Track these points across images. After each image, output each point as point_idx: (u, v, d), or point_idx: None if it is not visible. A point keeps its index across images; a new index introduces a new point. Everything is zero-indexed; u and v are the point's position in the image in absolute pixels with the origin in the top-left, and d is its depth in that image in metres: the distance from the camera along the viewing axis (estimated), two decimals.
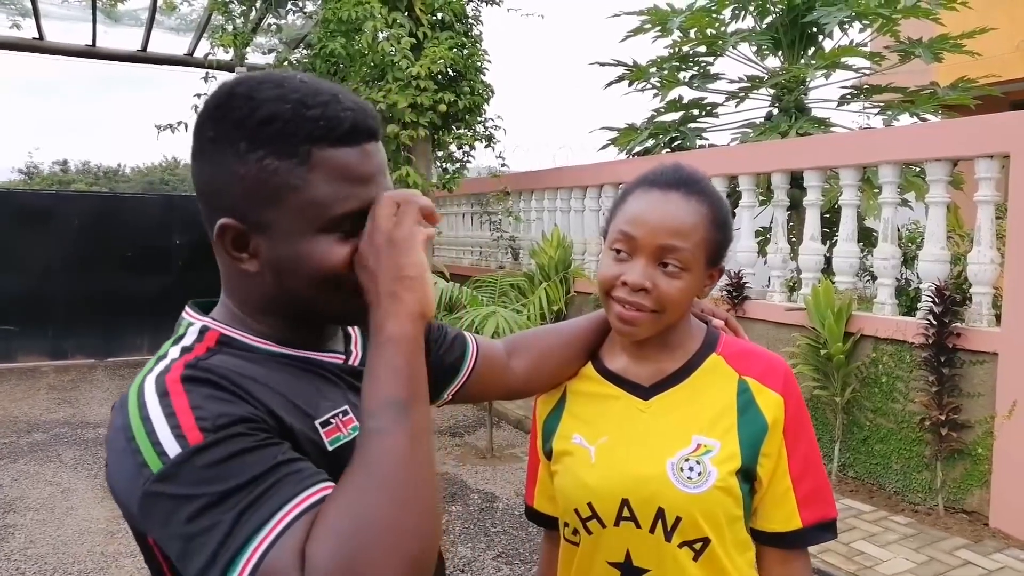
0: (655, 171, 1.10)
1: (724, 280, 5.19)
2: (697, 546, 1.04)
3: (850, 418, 4.46)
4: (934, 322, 3.91)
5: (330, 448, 0.81)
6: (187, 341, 0.82)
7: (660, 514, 1.04)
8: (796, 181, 5.25)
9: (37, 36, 7.58)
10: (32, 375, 7.94)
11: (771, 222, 5.47)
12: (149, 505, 0.69)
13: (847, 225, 4.70)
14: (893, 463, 4.25)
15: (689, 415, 1.08)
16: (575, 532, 1.11)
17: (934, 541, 3.69)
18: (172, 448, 0.68)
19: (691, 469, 1.04)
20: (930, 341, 3.93)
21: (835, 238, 5.96)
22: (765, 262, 5.53)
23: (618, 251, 1.06)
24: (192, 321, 0.85)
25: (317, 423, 0.81)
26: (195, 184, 0.83)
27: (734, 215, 6.08)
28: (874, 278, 4.68)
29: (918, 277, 4.52)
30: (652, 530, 1.04)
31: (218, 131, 0.79)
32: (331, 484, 0.71)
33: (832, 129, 6.37)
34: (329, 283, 0.80)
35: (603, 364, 1.18)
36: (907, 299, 4.76)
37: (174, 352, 0.80)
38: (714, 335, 1.16)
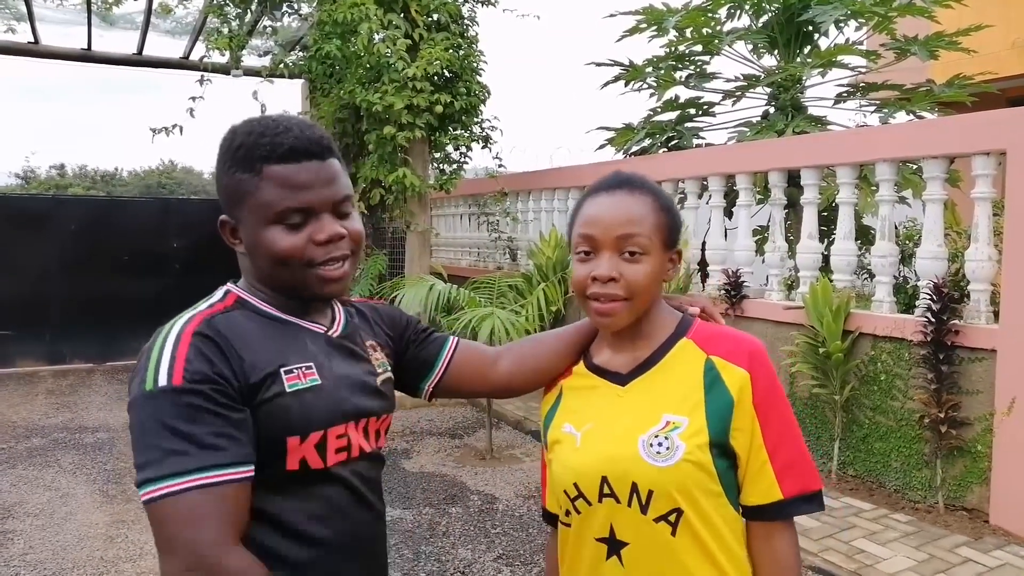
0: (599, 180, 1.24)
1: (722, 279, 5.19)
2: (672, 518, 1.11)
3: (849, 416, 4.46)
4: (932, 319, 3.91)
5: (288, 390, 1.07)
6: (214, 298, 1.15)
7: (634, 488, 1.12)
8: (793, 180, 5.24)
9: (32, 40, 7.55)
10: (30, 380, 7.92)
11: (768, 221, 5.47)
12: (134, 405, 1.00)
13: (845, 223, 4.70)
14: (893, 461, 4.25)
15: (660, 396, 1.17)
16: (568, 513, 1.20)
17: (934, 539, 3.69)
18: (162, 379, 0.98)
19: (660, 444, 1.12)
20: (929, 338, 3.93)
21: (832, 236, 5.96)
22: (763, 261, 5.53)
23: (584, 253, 1.18)
24: (224, 286, 1.18)
25: (282, 369, 1.07)
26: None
27: (731, 214, 6.08)
28: (872, 276, 4.68)
29: (916, 275, 4.52)
30: (630, 504, 1.12)
31: (220, 153, 1.13)
32: (239, 471, 0.98)
33: (829, 127, 6.37)
34: (280, 261, 1.09)
35: (590, 360, 1.29)
36: (905, 297, 4.76)
37: (203, 305, 1.12)
38: (687, 322, 1.25)
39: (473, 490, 4.57)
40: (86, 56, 7.93)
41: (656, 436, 1.12)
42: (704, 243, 5.84)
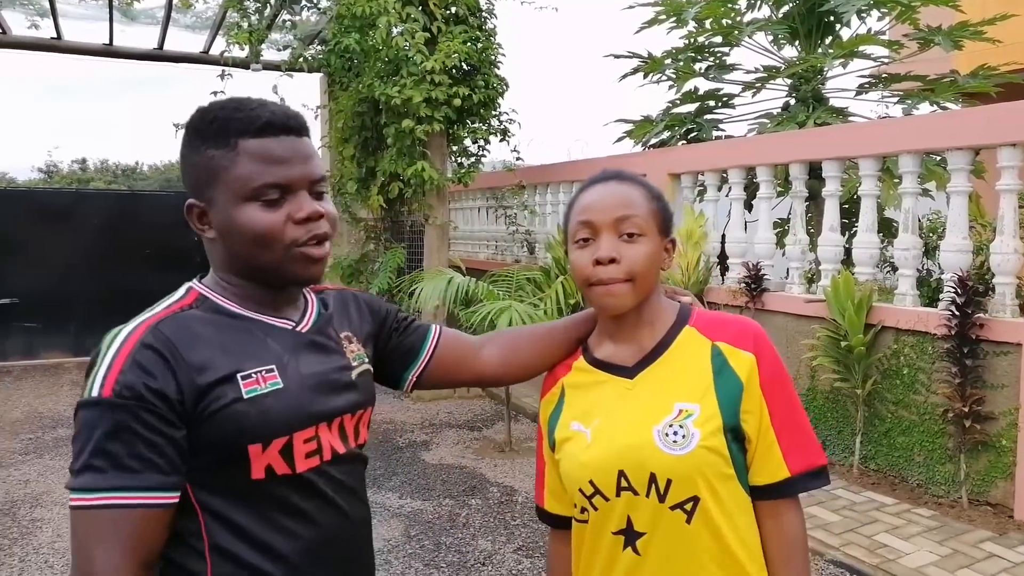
0: (590, 177, 1.27)
1: (742, 272, 5.17)
2: (688, 506, 1.12)
3: (871, 410, 4.43)
4: (956, 313, 3.87)
5: (245, 396, 1.00)
6: (175, 296, 1.09)
7: (653, 479, 1.12)
8: (814, 172, 5.20)
9: (55, 36, 7.63)
10: (55, 371, 8.05)
11: (789, 214, 5.43)
12: (77, 408, 0.96)
13: (867, 215, 4.66)
14: (916, 455, 4.21)
15: (670, 385, 1.18)
16: (583, 511, 1.20)
17: (958, 534, 3.66)
18: (95, 389, 0.95)
19: (675, 433, 1.13)
20: (953, 332, 3.89)
21: (854, 229, 5.91)
22: (783, 254, 5.49)
23: (583, 240, 1.19)
24: (187, 283, 1.12)
25: (239, 375, 1.01)
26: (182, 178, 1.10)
27: (751, 207, 6.04)
28: (894, 269, 4.63)
29: (940, 267, 4.48)
30: (648, 495, 1.13)
31: (187, 136, 1.07)
32: (152, 496, 0.93)
33: (850, 119, 6.30)
34: (261, 241, 1.03)
35: (592, 355, 1.28)
36: (928, 290, 4.72)
37: (160, 306, 1.06)
38: (687, 310, 1.26)
39: (492, 482, 4.59)
40: (108, 51, 8.01)
41: (671, 425, 1.13)
42: (724, 236, 5.81)
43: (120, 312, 1.11)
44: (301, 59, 6.81)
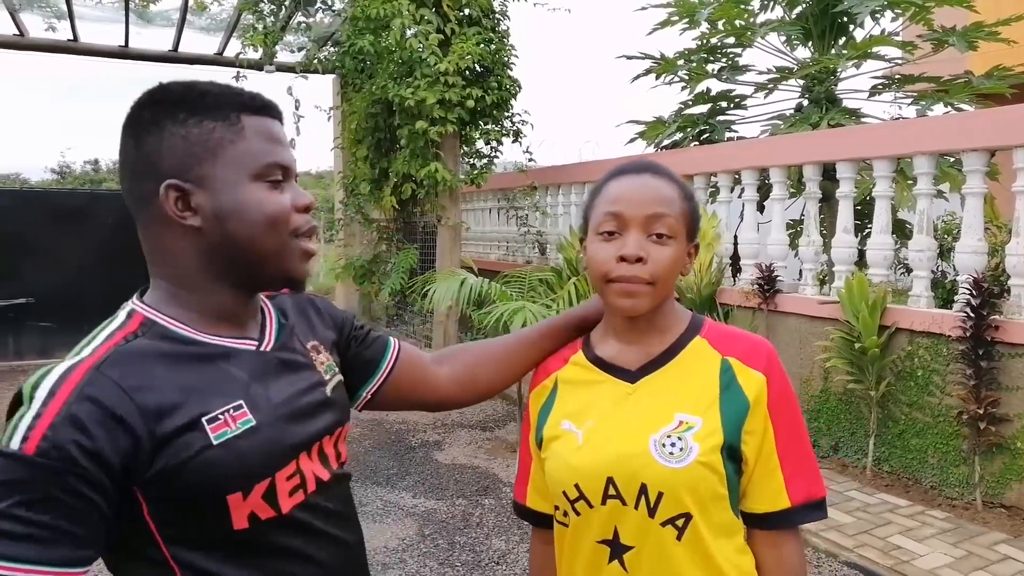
0: (622, 164, 1.19)
1: (755, 273, 5.16)
2: (679, 523, 1.07)
3: (885, 412, 4.42)
4: (972, 314, 3.86)
5: (215, 443, 0.87)
6: (115, 323, 0.93)
7: (643, 490, 1.07)
8: (827, 173, 5.20)
9: (72, 38, 7.72)
10: None
11: (801, 215, 5.42)
12: None
13: (881, 217, 4.65)
14: (929, 457, 4.20)
15: (673, 395, 1.12)
16: (565, 514, 1.14)
17: (972, 536, 3.65)
18: (15, 440, 0.79)
19: (672, 445, 1.07)
20: (968, 334, 3.88)
21: (867, 230, 5.90)
22: (795, 255, 5.49)
23: (608, 233, 1.11)
24: (127, 304, 0.96)
25: (204, 419, 0.87)
26: (129, 165, 0.94)
27: (762, 208, 6.04)
28: (908, 271, 4.62)
29: (954, 269, 4.46)
30: (636, 506, 1.07)
31: (157, 110, 0.92)
32: (61, 571, 0.79)
33: (864, 120, 6.29)
34: (272, 223, 0.93)
35: (593, 352, 1.22)
36: (943, 292, 4.71)
37: (100, 336, 0.90)
38: (699, 320, 1.21)
39: (505, 482, 4.61)
40: (123, 53, 8.09)
41: (669, 436, 1.08)
42: (736, 237, 5.81)
43: None
44: (316, 60, 6.86)
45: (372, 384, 1.20)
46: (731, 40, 6.78)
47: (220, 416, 0.89)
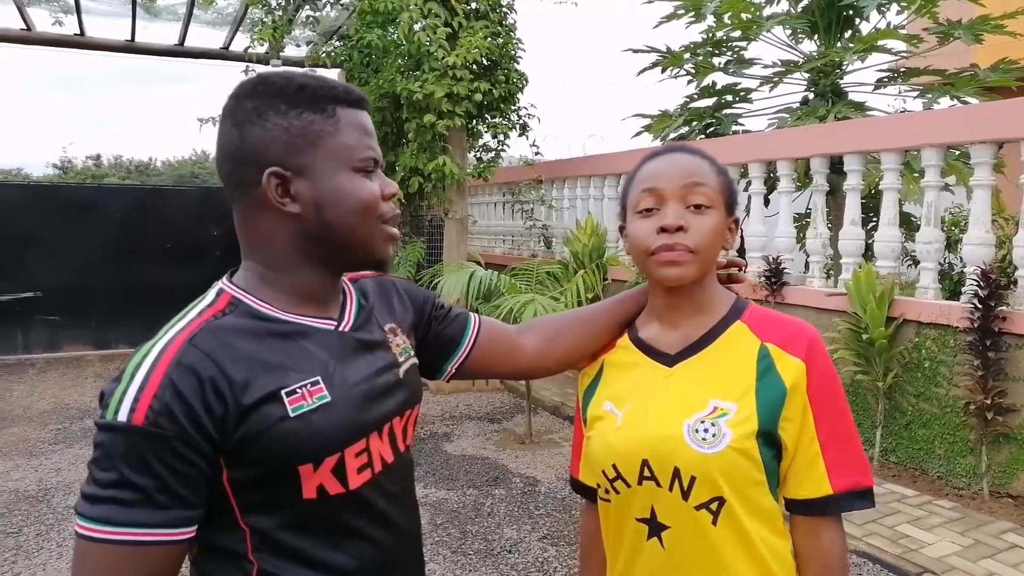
0: (654, 149, 1.22)
1: (762, 266, 5.19)
2: (713, 507, 1.07)
3: (892, 403, 4.46)
4: (979, 306, 3.89)
5: (292, 414, 0.92)
6: (205, 301, 0.98)
7: (676, 473, 1.08)
8: (833, 166, 5.22)
9: (78, 32, 7.72)
10: (78, 364, 8.16)
11: (807, 207, 5.45)
12: (96, 427, 0.87)
13: (889, 209, 4.67)
14: (937, 448, 4.24)
15: (709, 380, 1.13)
16: (606, 492, 1.17)
17: (979, 525, 3.68)
18: (123, 412, 0.84)
19: (706, 431, 1.08)
20: (975, 325, 3.91)
21: (872, 223, 5.92)
22: (801, 248, 5.51)
23: (647, 210, 1.13)
24: (216, 284, 1.02)
25: (283, 392, 0.92)
26: (231, 153, 0.98)
27: (768, 201, 6.06)
28: (916, 263, 4.65)
29: (962, 261, 4.49)
30: (671, 489, 1.09)
31: (259, 101, 0.96)
32: (174, 532, 0.86)
33: (870, 113, 6.31)
34: (367, 210, 0.98)
35: (636, 334, 1.24)
36: (950, 283, 4.73)
37: (192, 312, 0.96)
38: (742, 304, 1.20)
39: (515, 472, 4.65)
40: (129, 47, 8.08)
41: (702, 422, 1.08)
42: (742, 230, 5.83)
43: (140, 305, 0.99)
44: (323, 55, 6.87)
45: (455, 360, 1.24)
46: (737, 34, 6.80)
47: (298, 390, 0.93)
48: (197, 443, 0.86)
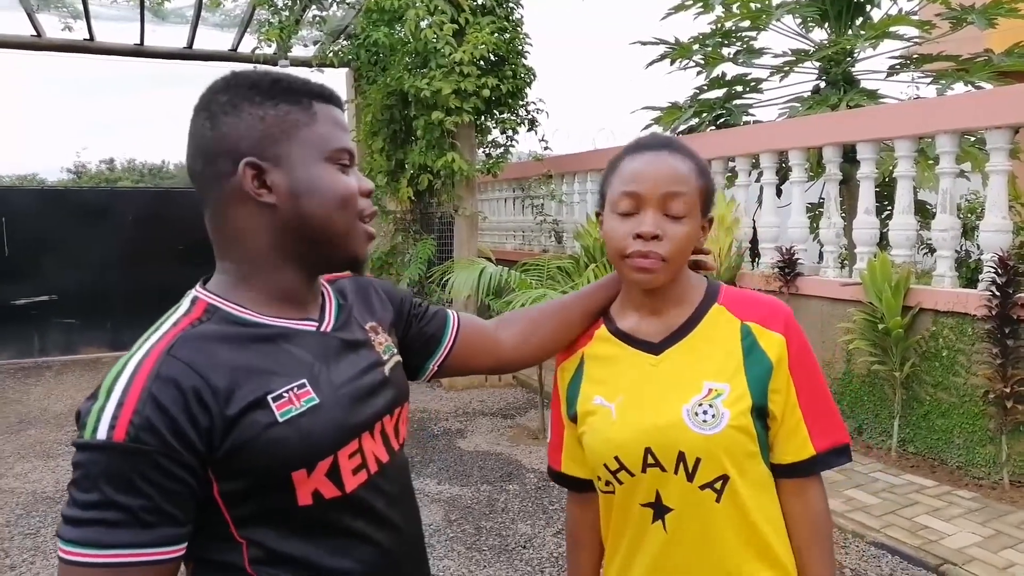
0: (637, 140, 1.22)
1: (775, 257, 5.15)
2: (718, 485, 1.12)
3: (910, 393, 4.40)
4: (997, 293, 3.84)
5: (281, 419, 0.89)
6: (180, 310, 0.96)
7: (681, 457, 1.12)
8: (846, 155, 5.16)
9: (88, 37, 7.77)
10: (94, 366, 8.22)
11: (820, 197, 5.39)
12: (75, 447, 0.83)
13: (903, 197, 4.62)
14: (955, 437, 4.18)
15: (698, 364, 1.16)
16: (608, 483, 1.19)
17: (1000, 515, 3.64)
18: (102, 430, 0.81)
19: (705, 412, 1.12)
20: (993, 312, 3.85)
21: (887, 212, 5.85)
22: (815, 238, 5.46)
23: (625, 212, 1.15)
24: (190, 292, 1.00)
25: (269, 397, 0.90)
26: (203, 147, 0.96)
27: (781, 192, 6.00)
28: (931, 251, 4.59)
29: (979, 248, 4.43)
30: (676, 472, 1.12)
31: (234, 93, 0.95)
32: (162, 551, 0.82)
33: (882, 100, 6.23)
34: (344, 203, 0.97)
35: (615, 325, 1.25)
36: (967, 271, 4.67)
37: (167, 323, 0.93)
38: (715, 287, 1.24)
39: (528, 468, 4.63)
40: (138, 51, 8.13)
41: (700, 404, 1.12)
42: (755, 221, 5.78)
43: (155, 307, 0.99)
44: (330, 54, 6.87)
45: (437, 357, 1.23)
46: (746, 23, 6.74)
47: (285, 394, 0.91)
48: (183, 457, 0.83)
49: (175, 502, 0.83)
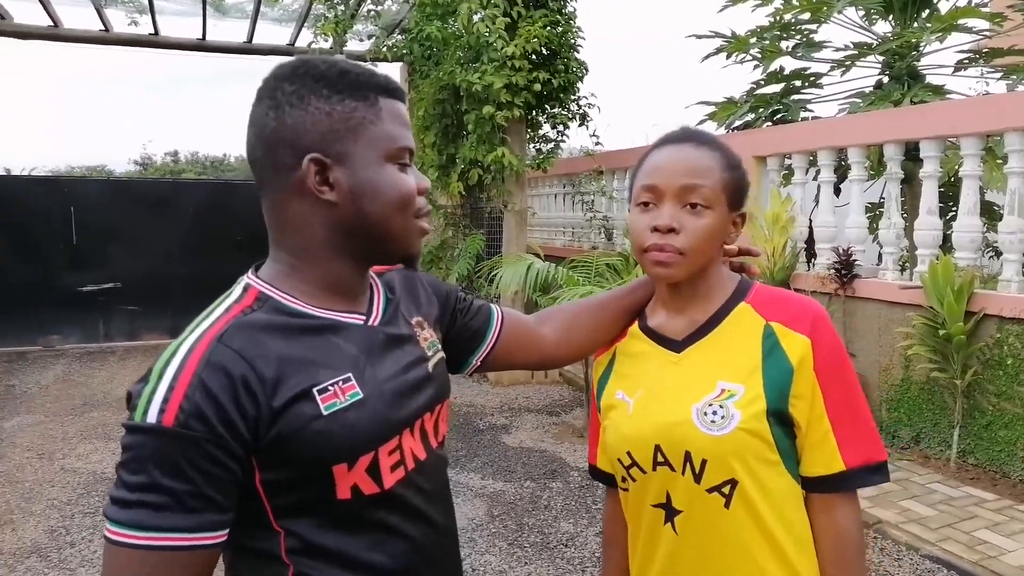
0: (667, 133, 1.19)
1: (832, 257, 5.00)
2: (726, 490, 1.08)
3: (971, 402, 4.23)
4: None
5: (325, 413, 0.90)
6: (232, 297, 0.96)
7: (688, 457, 1.09)
8: (909, 153, 4.98)
9: (153, 32, 8.01)
10: (155, 352, 8.45)
11: (881, 197, 5.21)
12: (125, 428, 0.84)
13: (969, 198, 4.43)
14: (1019, 450, 4.01)
15: (715, 363, 1.14)
16: (623, 480, 1.19)
17: None
18: (152, 414, 0.82)
19: (714, 413, 1.09)
20: None
21: (951, 213, 5.63)
22: (874, 239, 5.28)
23: (644, 204, 1.13)
24: (242, 279, 0.99)
25: (315, 390, 0.90)
26: (266, 135, 0.94)
27: (839, 191, 5.83)
28: (998, 254, 4.40)
29: None
30: (683, 472, 1.10)
31: (300, 83, 0.93)
32: (207, 536, 0.83)
33: (949, 96, 6.00)
34: (404, 203, 0.96)
35: (645, 322, 1.25)
36: None
37: (219, 309, 0.93)
38: (746, 284, 1.20)
39: (572, 466, 4.62)
40: (201, 46, 8.34)
41: (710, 404, 1.09)
42: (811, 220, 5.63)
43: (214, 296, 1.00)
44: (384, 49, 6.94)
45: (481, 352, 1.24)
46: (806, 16, 6.56)
47: (330, 388, 0.91)
48: (229, 445, 0.84)
49: (219, 488, 0.84)
